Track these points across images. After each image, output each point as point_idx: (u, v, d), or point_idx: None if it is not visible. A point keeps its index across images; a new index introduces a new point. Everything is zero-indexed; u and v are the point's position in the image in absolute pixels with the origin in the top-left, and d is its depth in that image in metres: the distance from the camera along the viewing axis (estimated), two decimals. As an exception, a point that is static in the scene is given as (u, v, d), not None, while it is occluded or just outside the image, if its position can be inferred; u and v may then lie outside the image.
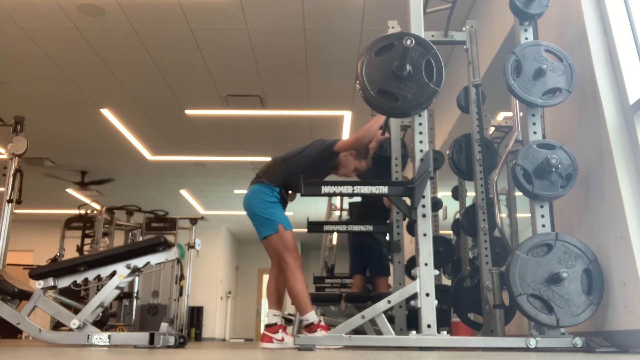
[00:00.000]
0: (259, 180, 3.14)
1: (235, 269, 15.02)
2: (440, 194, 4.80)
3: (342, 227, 4.40)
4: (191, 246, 8.37)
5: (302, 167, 3.07)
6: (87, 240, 7.58)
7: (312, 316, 2.94)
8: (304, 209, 10.98)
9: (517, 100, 2.61)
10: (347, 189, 2.51)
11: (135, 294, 8.22)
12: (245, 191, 3.20)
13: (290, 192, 3.21)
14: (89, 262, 3.14)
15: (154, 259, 3.16)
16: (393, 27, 3.37)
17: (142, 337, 2.93)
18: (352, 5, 4.60)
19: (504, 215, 4.01)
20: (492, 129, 4.10)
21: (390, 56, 2.41)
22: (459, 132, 3.55)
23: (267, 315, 3.18)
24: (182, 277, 7.86)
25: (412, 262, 3.88)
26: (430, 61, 2.42)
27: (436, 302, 2.32)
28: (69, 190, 9.87)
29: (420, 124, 2.54)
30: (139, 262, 3.13)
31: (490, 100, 3.44)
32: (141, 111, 6.76)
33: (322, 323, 2.93)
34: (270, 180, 3.10)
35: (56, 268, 3.14)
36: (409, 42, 2.28)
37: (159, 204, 10.13)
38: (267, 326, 3.10)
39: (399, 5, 2.99)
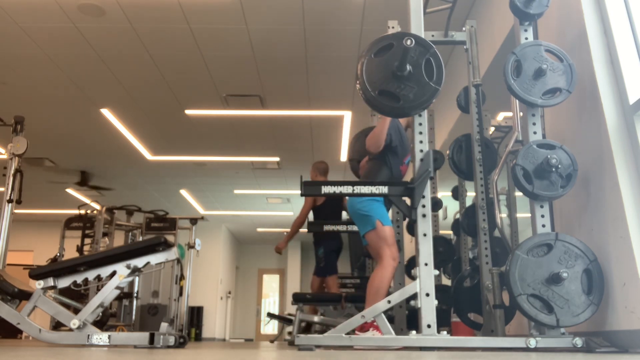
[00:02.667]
0: None
1: (235, 269, 15.02)
2: (440, 194, 4.80)
3: (342, 227, 4.41)
4: (191, 246, 8.36)
5: (388, 160, 3.09)
6: (87, 240, 7.57)
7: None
8: (304, 209, 10.97)
9: (517, 100, 2.61)
10: (347, 189, 2.51)
11: (135, 294, 8.22)
12: (245, 191, 3.20)
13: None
14: (89, 262, 3.14)
15: (154, 259, 3.16)
16: (393, 27, 3.37)
17: (142, 337, 2.93)
18: (352, 5, 4.60)
19: (504, 215, 4.01)
20: (492, 129, 4.10)
21: (390, 56, 2.41)
22: (459, 132, 3.55)
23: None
24: (182, 277, 7.86)
25: (412, 262, 3.88)
26: (430, 60, 2.42)
27: (436, 302, 2.32)
28: (69, 190, 9.87)
29: (420, 124, 2.54)
30: (139, 262, 3.13)
31: (490, 100, 3.44)
32: (141, 111, 6.76)
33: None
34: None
35: (56, 268, 3.14)
36: (409, 42, 2.28)
37: (159, 204, 10.12)
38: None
39: (399, 5, 2.99)
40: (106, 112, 6.75)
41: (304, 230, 5.16)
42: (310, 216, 5.23)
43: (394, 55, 2.40)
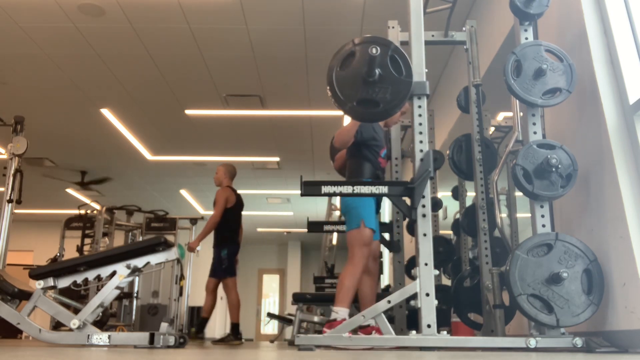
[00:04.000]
0: None
1: (235, 269, 15.00)
2: (440, 194, 4.80)
3: (342, 227, 4.40)
4: (191, 246, 8.35)
5: (366, 155, 3.15)
6: (87, 240, 7.57)
7: (342, 312, 2.86)
8: (304, 209, 10.99)
9: (517, 100, 2.61)
10: (347, 189, 2.51)
11: (135, 294, 8.22)
12: (245, 191, 3.21)
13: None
14: (89, 262, 3.14)
15: (154, 259, 3.16)
16: (393, 27, 3.37)
17: (142, 337, 2.93)
18: (352, 5, 4.60)
19: (504, 215, 4.01)
20: (492, 129, 4.10)
21: (356, 65, 2.42)
22: (459, 132, 3.55)
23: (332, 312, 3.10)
24: (182, 277, 7.85)
25: (412, 262, 3.88)
26: (394, 57, 2.43)
27: (436, 302, 2.32)
28: (69, 190, 9.87)
29: (420, 124, 2.54)
30: (139, 262, 3.13)
31: (490, 100, 3.44)
32: (141, 111, 6.76)
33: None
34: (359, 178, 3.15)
35: (56, 268, 3.14)
36: (374, 50, 2.30)
37: (159, 204, 10.12)
38: (361, 328, 3.05)
39: (399, 5, 2.99)
40: (106, 112, 6.75)
41: (304, 230, 5.16)
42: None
43: (359, 63, 2.41)
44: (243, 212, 5.31)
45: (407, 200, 2.52)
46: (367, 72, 2.38)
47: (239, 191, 5.27)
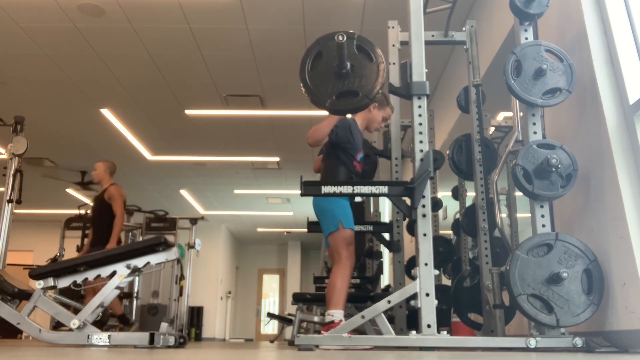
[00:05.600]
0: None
1: (235, 269, 15.02)
2: (440, 194, 4.80)
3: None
4: (191, 246, 8.36)
5: (341, 158, 3.10)
6: (87, 241, 7.57)
7: (338, 314, 2.82)
8: (304, 209, 10.99)
9: (517, 100, 2.61)
10: (347, 189, 2.51)
11: (135, 294, 8.22)
12: (245, 191, 3.20)
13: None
14: (89, 262, 3.13)
15: (154, 259, 3.15)
16: (393, 27, 3.37)
17: (142, 337, 2.93)
18: (352, 5, 4.60)
19: (504, 215, 4.01)
20: (492, 129, 4.10)
21: (326, 62, 2.42)
22: (459, 132, 3.55)
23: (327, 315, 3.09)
24: (182, 277, 7.86)
25: (412, 262, 3.88)
26: (360, 46, 2.45)
27: (436, 302, 2.32)
28: (69, 190, 9.87)
29: (420, 124, 2.54)
30: (139, 262, 3.12)
31: (490, 100, 3.44)
32: (141, 111, 6.76)
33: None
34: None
35: (56, 268, 3.14)
36: (340, 37, 2.32)
37: (159, 204, 10.13)
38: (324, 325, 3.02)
39: (399, 5, 2.99)
40: (106, 112, 6.75)
41: (304, 230, 5.16)
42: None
43: (328, 58, 2.42)
44: (243, 212, 5.34)
45: (407, 200, 2.52)
46: (339, 65, 2.38)
47: (239, 191, 5.29)
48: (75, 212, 7.77)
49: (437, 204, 4.45)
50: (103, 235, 5.19)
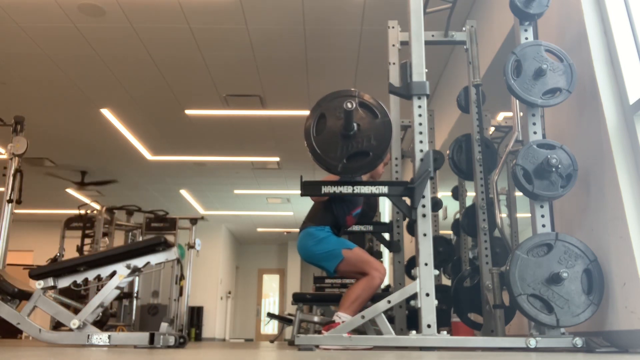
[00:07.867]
0: (306, 225, 3.04)
1: (235, 269, 15.02)
2: (440, 194, 4.80)
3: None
4: (191, 246, 8.37)
5: (340, 204, 3.02)
6: (87, 240, 7.57)
7: (345, 318, 2.71)
8: (304, 209, 10.98)
9: (517, 100, 2.61)
10: (347, 189, 2.51)
11: (135, 294, 8.22)
12: (245, 191, 3.19)
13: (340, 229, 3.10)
14: (89, 262, 3.13)
15: (154, 259, 3.15)
16: (393, 27, 3.37)
17: (142, 337, 2.93)
18: (352, 5, 4.60)
19: (504, 215, 4.01)
20: (492, 129, 4.10)
21: (331, 125, 2.41)
22: (459, 132, 3.55)
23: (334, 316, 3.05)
24: (182, 277, 7.86)
25: (412, 262, 3.88)
26: (362, 103, 2.43)
27: (436, 302, 2.32)
28: (69, 190, 9.87)
29: (420, 124, 2.54)
30: (139, 262, 3.12)
31: (490, 100, 3.44)
32: (141, 111, 6.76)
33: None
34: (316, 224, 3.01)
35: (56, 268, 3.14)
36: (349, 105, 2.29)
37: (159, 204, 10.12)
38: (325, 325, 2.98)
39: (399, 5, 2.99)
40: (106, 112, 6.75)
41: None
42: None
43: (332, 120, 2.40)
44: (243, 212, 5.32)
45: (407, 200, 2.52)
46: (345, 127, 2.37)
47: (239, 191, 5.28)
48: (75, 212, 7.77)
49: (437, 204, 4.45)
50: None
